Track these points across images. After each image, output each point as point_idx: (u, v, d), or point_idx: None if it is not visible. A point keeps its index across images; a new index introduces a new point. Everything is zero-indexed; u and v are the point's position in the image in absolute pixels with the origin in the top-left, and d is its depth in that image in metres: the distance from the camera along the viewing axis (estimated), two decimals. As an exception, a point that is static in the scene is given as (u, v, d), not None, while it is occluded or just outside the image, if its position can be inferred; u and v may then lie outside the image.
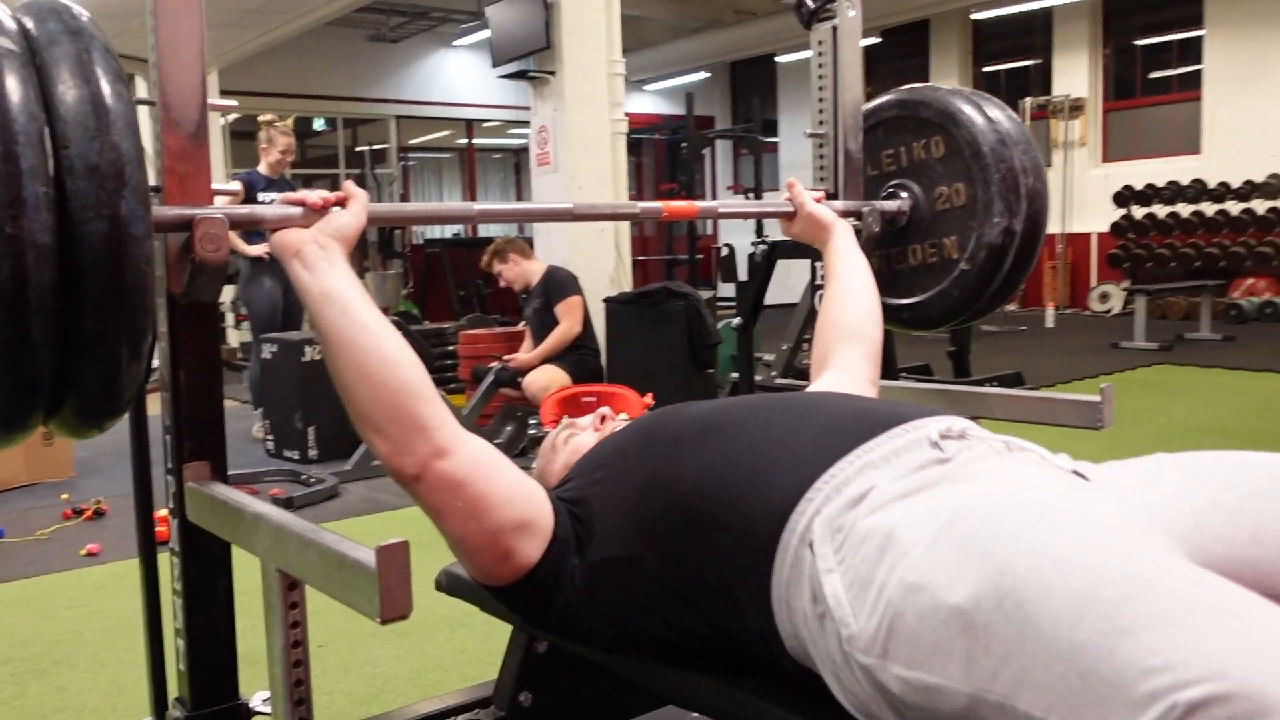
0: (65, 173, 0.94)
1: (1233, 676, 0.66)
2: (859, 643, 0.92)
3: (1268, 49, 10.29)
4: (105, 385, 1.02)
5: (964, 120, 1.83)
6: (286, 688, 1.06)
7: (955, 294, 1.88)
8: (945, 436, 1.05)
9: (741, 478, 1.09)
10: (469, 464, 1.08)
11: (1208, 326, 8.60)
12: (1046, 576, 0.79)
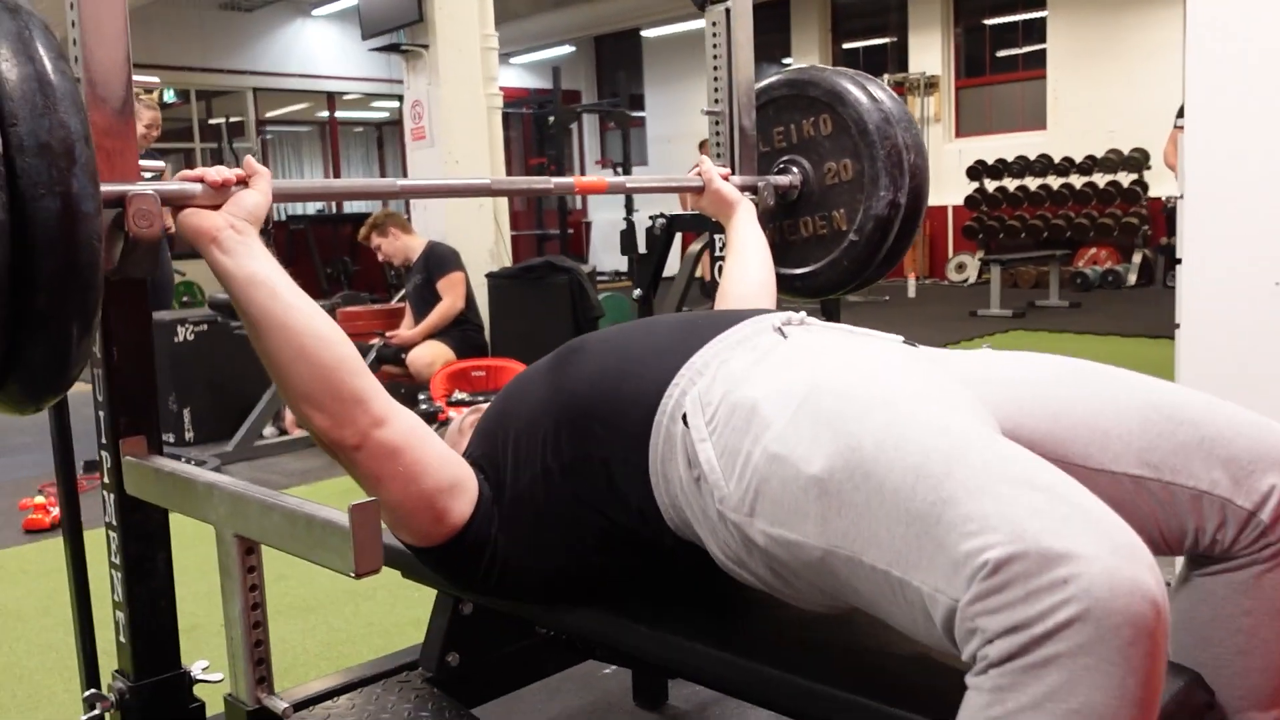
0: (15, 150, 0.94)
1: (1028, 538, 0.79)
2: (730, 503, 1.03)
3: (1107, 31, 10.87)
4: (54, 363, 1.02)
5: (850, 99, 1.93)
6: (247, 648, 1.09)
7: (845, 263, 1.99)
8: (788, 324, 1.21)
9: (613, 375, 1.21)
10: (405, 431, 1.14)
11: (1056, 294, 9.10)
12: (888, 453, 0.91)
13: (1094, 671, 0.76)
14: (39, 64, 0.97)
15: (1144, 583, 0.77)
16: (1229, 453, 1.04)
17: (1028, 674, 0.78)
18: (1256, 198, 2.37)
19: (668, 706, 2.06)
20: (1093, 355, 4.97)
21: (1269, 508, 1.02)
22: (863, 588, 0.94)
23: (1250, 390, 2.40)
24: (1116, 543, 0.80)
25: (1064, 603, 0.77)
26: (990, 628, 0.79)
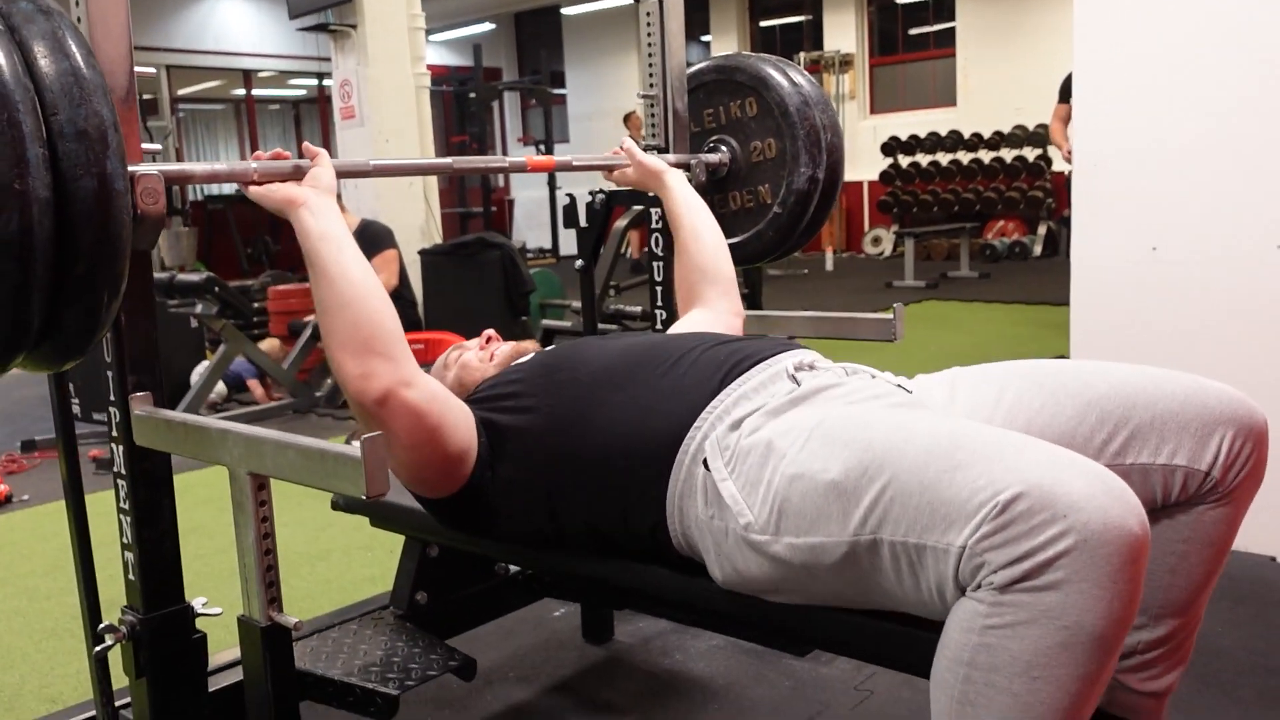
0: (56, 136, 1.07)
1: (1030, 481, 0.93)
2: (755, 527, 1.14)
3: (1013, 11, 11.25)
4: (87, 325, 1.16)
5: (773, 84, 2.12)
6: (259, 573, 1.25)
7: (770, 234, 2.18)
8: (799, 368, 1.32)
9: (640, 422, 1.31)
10: (428, 396, 1.28)
11: (966, 265, 9.46)
12: (898, 444, 1.05)
13: (1085, 594, 0.90)
14: (73, 60, 1.10)
15: (1130, 520, 0.91)
16: (1180, 424, 1.21)
17: (1028, 594, 0.90)
18: (1138, 170, 2.61)
19: (614, 641, 2.24)
20: (1001, 322, 5.35)
21: (1219, 464, 1.20)
22: (884, 569, 1.04)
23: (1132, 350, 2.66)
24: (1108, 486, 0.92)
25: (1062, 534, 0.89)
26: (996, 560, 0.92)
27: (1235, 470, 1.21)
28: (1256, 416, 1.23)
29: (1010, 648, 0.93)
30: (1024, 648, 0.92)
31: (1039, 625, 0.91)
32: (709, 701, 1.97)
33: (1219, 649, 2.05)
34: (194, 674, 1.45)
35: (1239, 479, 1.22)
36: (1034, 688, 0.92)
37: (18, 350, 1.15)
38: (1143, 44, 2.58)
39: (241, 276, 9.10)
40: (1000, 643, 0.93)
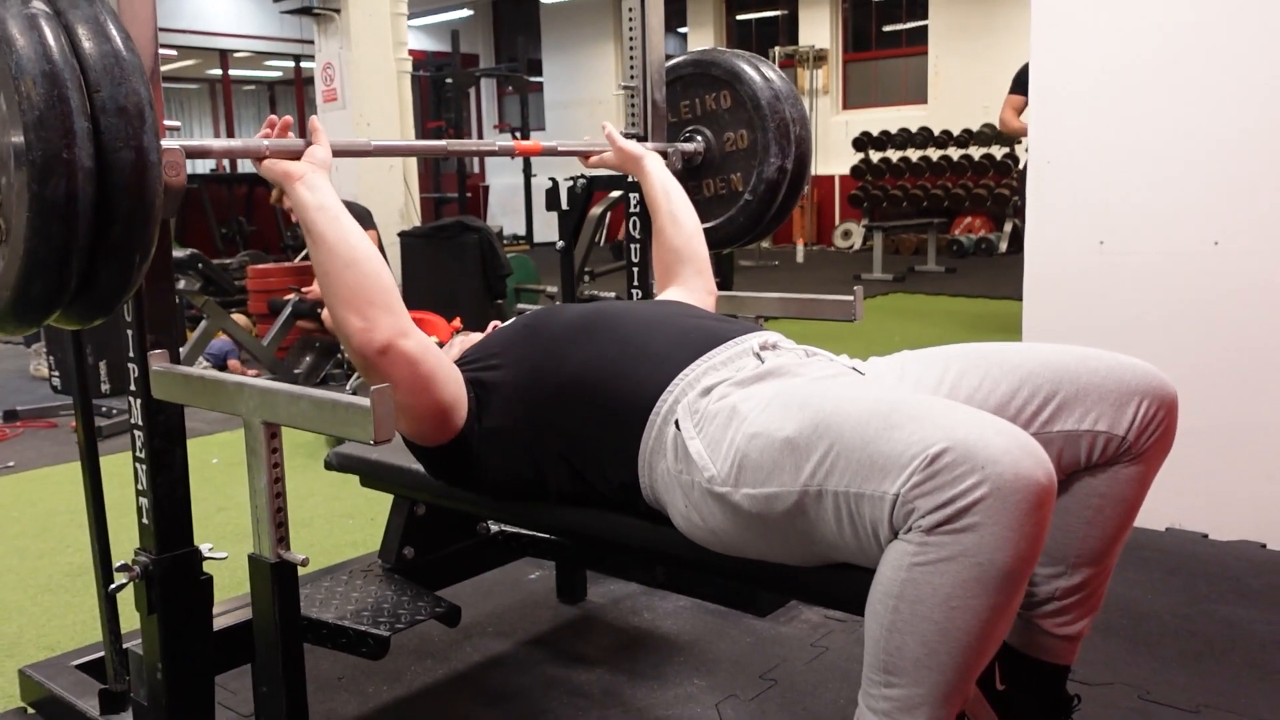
0: (99, 112, 1.18)
1: (955, 437, 1.07)
2: (717, 480, 1.27)
3: (983, 10, 11.46)
4: (119, 284, 1.27)
5: (746, 78, 2.25)
6: (270, 514, 1.37)
7: (741, 220, 2.31)
8: (764, 347, 1.47)
9: (612, 371, 1.45)
10: (422, 346, 1.42)
11: (934, 260, 9.67)
12: (845, 407, 1.19)
13: (997, 535, 1.02)
14: (114, 42, 1.21)
15: (1038, 472, 1.03)
16: (1099, 394, 1.35)
17: (949, 535, 1.04)
18: (1088, 168, 2.77)
19: (587, 602, 2.38)
20: (966, 314, 5.55)
21: (1134, 429, 1.35)
22: (827, 518, 1.16)
23: (1079, 337, 2.82)
24: (1020, 443, 1.05)
25: (979, 483, 1.02)
26: (923, 506, 1.05)
27: (1147, 434, 1.36)
28: (1167, 388, 1.38)
29: (933, 581, 1.06)
30: (944, 582, 1.06)
31: (957, 562, 1.05)
32: (675, 655, 2.11)
33: (1148, 613, 2.22)
34: (201, 612, 1.57)
35: (1150, 442, 1.37)
36: (951, 616, 1.06)
37: (56, 305, 1.26)
38: (1096, 47, 2.73)
39: (218, 256, 9.13)
40: (924, 578, 1.07)
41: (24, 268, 1.19)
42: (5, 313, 1.27)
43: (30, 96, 1.14)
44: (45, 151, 1.14)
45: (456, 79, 11.34)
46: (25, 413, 4.55)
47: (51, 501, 3.33)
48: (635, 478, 1.42)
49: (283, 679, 1.41)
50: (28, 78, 1.14)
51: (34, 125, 1.14)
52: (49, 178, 1.15)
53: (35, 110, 1.14)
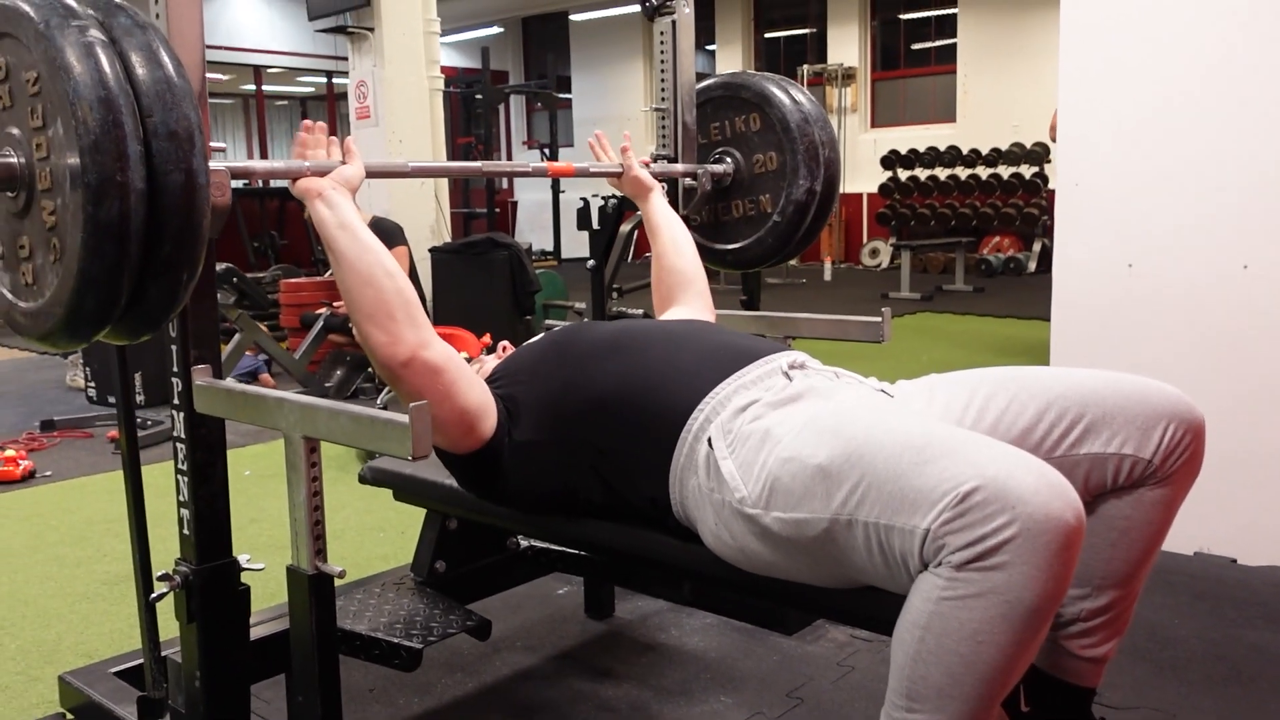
0: (151, 136, 1.22)
1: (985, 476, 1.09)
2: (748, 501, 1.30)
3: (1012, 30, 11.44)
4: (167, 302, 1.30)
5: (776, 101, 2.27)
6: (308, 527, 1.40)
7: (769, 241, 2.33)
8: (792, 366, 1.50)
9: (644, 387, 1.49)
10: (444, 356, 1.46)
11: (961, 279, 9.64)
12: (878, 437, 1.21)
13: (1025, 575, 1.05)
14: (166, 69, 1.25)
15: (1068, 514, 1.05)
16: (1127, 418, 1.37)
17: (979, 572, 1.06)
18: (1117, 189, 2.78)
19: (614, 617, 2.40)
20: (994, 336, 5.54)
21: (1160, 452, 1.37)
22: (857, 546, 1.19)
23: (1107, 360, 2.82)
24: (1050, 482, 1.07)
25: (1010, 523, 1.04)
26: (955, 543, 1.07)
27: (1174, 458, 1.37)
28: (1194, 413, 1.39)
29: (960, 616, 1.09)
30: (971, 616, 1.08)
31: (985, 599, 1.07)
32: (702, 672, 2.13)
33: (1175, 637, 2.21)
34: (238, 622, 1.60)
35: (1176, 465, 1.38)
36: (977, 650, 1.09)
37: (107, 321, 1.30)
38: (1125, 69, 2.74)
39: (251, 270, 9.24)
40: (952, 611, 1.09)
41: (77, 286, 1.23)
42: (57, 329, 1.31)
43: (86, 122, 1.18)
44: (100, 174, 1.18)
45: (486, 95, 11.43)
46: (62, 423, 4.63)
47: (89, 510, 3.39)
48: (666, 493, 1.45)
49: (318, 689, 1.44)
50: (84, 103, 1.18)
51: (90, 149, 1.18)
52: (103, 200, 1.19)
53: (91, 135, 1.18)
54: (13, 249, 1.35)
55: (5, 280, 1.39)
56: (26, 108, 1.26)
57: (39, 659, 2.27)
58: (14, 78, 1.28)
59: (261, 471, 3.79)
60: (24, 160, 1.28)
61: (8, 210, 1.33)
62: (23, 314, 1.35)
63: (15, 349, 7.32)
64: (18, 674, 2.20)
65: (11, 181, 1.29)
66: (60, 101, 1.20)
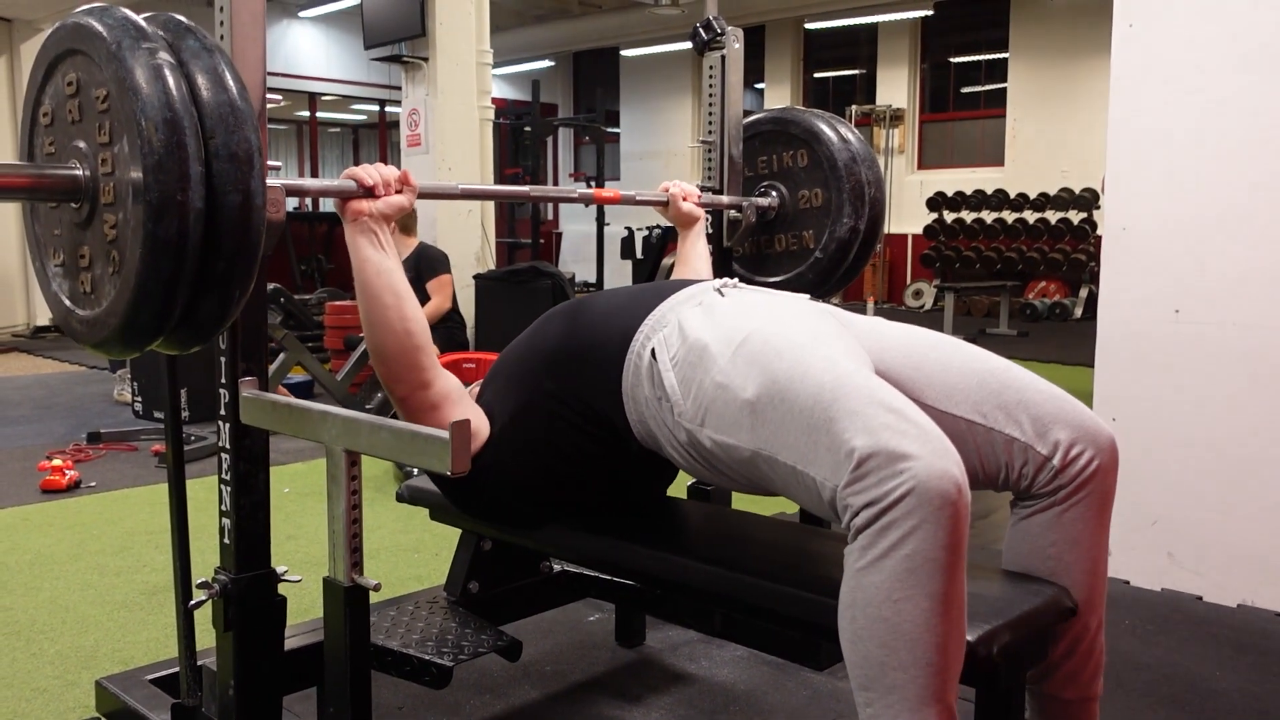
0: (212, 157, 1.25)
1: (880, 441, 1.18)
2: (686, 415, 1.43)
3: (1063, 75, 11.41)
4: (218, 316, 1.33)
5: (825, 139, 2.29)
6: (346, 540, 1.42)
7: (810, 276, 2.35)
8: (724, 286, 1.61)
9: (586, 328, 1.62)
10: (441, 395, 1.57)
11: (1006, 323, 9.57)
12: (795, 384, 1.30)
13: (919, 529, 1.14)
14: (230, 93, 1.27)
15: (953, 472, 1.16)
16: (1036, 413, 1.45)
17: (878, 534, 1.16)
18: (1165, 235, 2.76)
19: (645, 646, 2.39)
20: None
21: (1058, 455, 1.43)
22: (777, 477, 1.33)
23: (1152, 407, 2.79)
24: (936, 447, 1.18)
25: (901, 484, 1.15)
26: (855, 504, 1.18)
27: (1076, 469, 1.43)
28: (1102, 431, 1.47)
29: (874, 580, 1.18)
30: (883, 579, 1.16)
31: (890, 558, 1.16)
32: (730, 704, 2.12)
33: (1216, 690, 2.17)
34: (274, 632, 1.62)
35: (1082, 477, 1.43)
36: (897, 609, 1.17)
37: (160, 332, 1.32)
38: (1174, 114, 2.73)
39: (298, 292, 9.37)
40: (867, 579, 1.18)
41: (133, 298, 1.26)
42: (111, 338, 1.34)
43: (151, 141, 1.20)
44: (162, 193, 1.20)
45: (535, 128, 11.56)
46: (108, 435, 4.71)
47: (131, 522, 3.44)
48: (624, 414, 1.54)
49: (350, 701, 1.45)
50: (150, 123, 1.20)
51: (153, 168, 1.20)
52: (163, 217, 1.21)
53: (155, 154, 1.20)
54: (73, 257, 1.38)
55: (65, 287, 1.42)
56: (95, 123, 1.29)
57: (77, 664, 2.30)
58: (84, 93, 1.31)
59: (300, 490, 3.83)
60: (89, 173, 1.31)
61: (71, 220, 1.36)
62: (80, 321, 1.38)
63: (66, 363, 7.48)
64: (55, 678, 2.23)
65: (76, 193, 1.32)
66: (127, 120, 1.23)
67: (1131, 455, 2.81)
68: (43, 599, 2.70)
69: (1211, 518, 2.70)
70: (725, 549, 1.66)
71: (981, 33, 12.38)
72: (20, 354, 8.14)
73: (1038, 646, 1.42)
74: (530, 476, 1.63)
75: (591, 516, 1.70)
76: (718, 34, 2.33)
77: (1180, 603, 2.69)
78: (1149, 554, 2.80)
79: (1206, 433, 2.70)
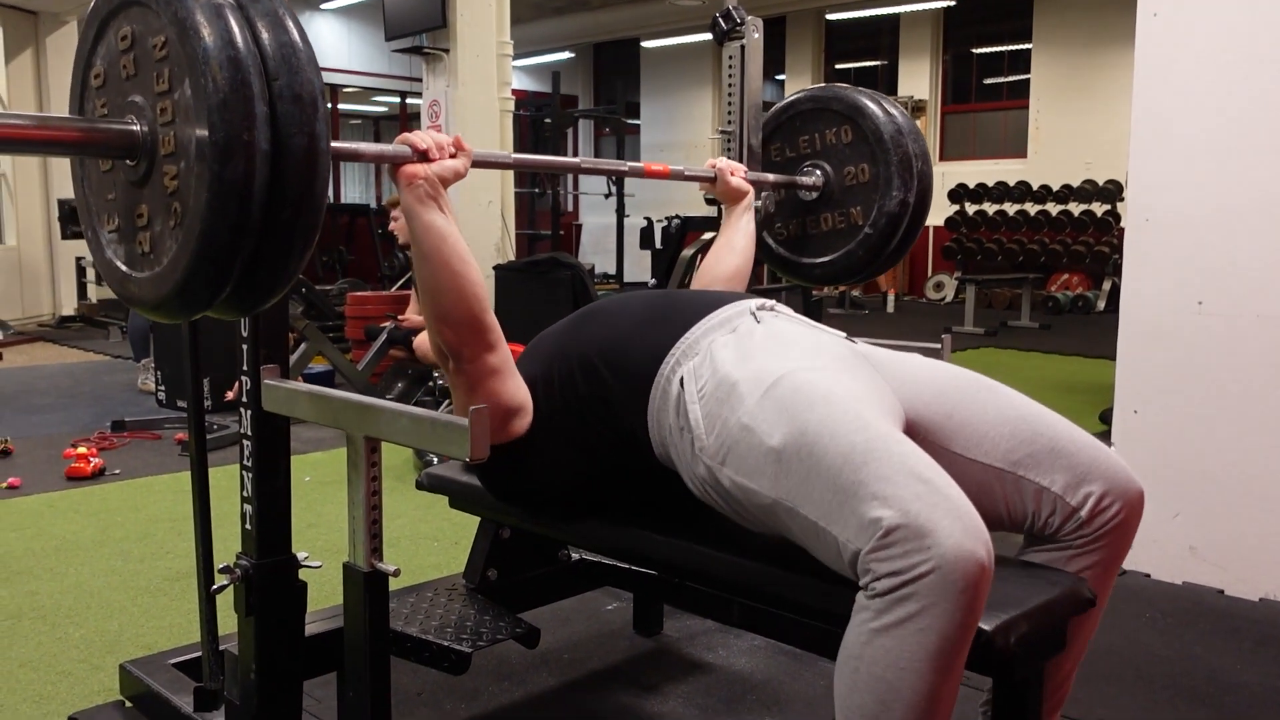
0: (276, 99, 1.19)
1: (909, 515, 1.16)
2: (708, 451, 1.40)
3: (1087, 66, 11.33)
4: (281, 269, 1.25)
5: (869, 113, 2.25)
6: (366, 525, 1.44)
7: (860, 254, 2.31)
8: (761, 309, 1.57)
9: (621, 338, 1.57)
10: (502, 359, 1.50)
11: (1028, 315, 9.53)
12: (824, 440, 1.27)
13: (937, 606, 1.15)
14: (291, 34, 1.22)
15: (980, 555, 1.15)
16: (1069, 463, 1.44)
17: (898, 603, 1.16)
18: (1188, 226, 2.74)
19: (662, 635, 2.40)
20: (1058, 372, 5.46)
21: (1087, 508, 1.43)
22: (795, 527, 1.31)
23: (1174, 399, 2.77)
24: (966, 525, 1.17)
25: (925, 560, 1.15)
26: (879, 570, 1.18)
27: (1102, 520, 1.43)
28: (1133, 485, 1.45)
29: (885, 644, 1.18)
30: (893, 644, 1.17)
31: (904, 627, 1.16)
32: (748, 693, 2.12)
33: (1237, 683, 2.16)
34: (295, 616, 1.64)
35: (1105, 529, 1.43)
36: (901, 676, 1.17)
37: (223, 286, 1.24)
38: (1198, 106, 2.71)
39: (320, 283, 9.43)
40: (878, 641, 1.18)
41: (198, 247, 1.20)
42: (173, 295, 1.27)
43: (215, 80, 1.15)
44: (227, 133, 1.15)
45: (556, 119, 11.57)
46: (132, 424, 4.75)
47: (154, 509, 3.47)
48: (646, 432, 1.52)
49: (369, 684, 1.47)
50: (214, 63, 1.16)
51: (218, 108, 1.15)
52: (229, 159, 1.15)
53: (220, 94, 1.15)
54: (129, 219, 1.32)
55: (120, 253, 1.36)
56: (152, 73, 1.24)
57: (101, 648, 2.33)
58: (139, 45, 1.26)
59: (321, 478, 3.86)
60: (146, 127, 1.25)
61: (126, 180, 1.30)
62: (137, 284, 1.31)
63: (91, 352, 7.54)
64: (80, 662, 2.26)
65: (133, 149, 1.26)
66: (189, 62, 1.18)
67: (1153, 448, 2.81)
68: (68, 584, 2.74)
69: (1234, 511, 2.68)
70: (744, 538, 1.66)
71: (1004, 23, 12.30)
72: (46, 343, 8.22)
73: (1054, 637, 1.41)
74: (562, 468, 1.61)
75: (610, 505, 1.70)
76: (737, 23, 2.33)
77: (1202, 596, 2.68)
78: (1171, 547, 2.78)
79: (1229, 425, 2.68)
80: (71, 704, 2.06)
